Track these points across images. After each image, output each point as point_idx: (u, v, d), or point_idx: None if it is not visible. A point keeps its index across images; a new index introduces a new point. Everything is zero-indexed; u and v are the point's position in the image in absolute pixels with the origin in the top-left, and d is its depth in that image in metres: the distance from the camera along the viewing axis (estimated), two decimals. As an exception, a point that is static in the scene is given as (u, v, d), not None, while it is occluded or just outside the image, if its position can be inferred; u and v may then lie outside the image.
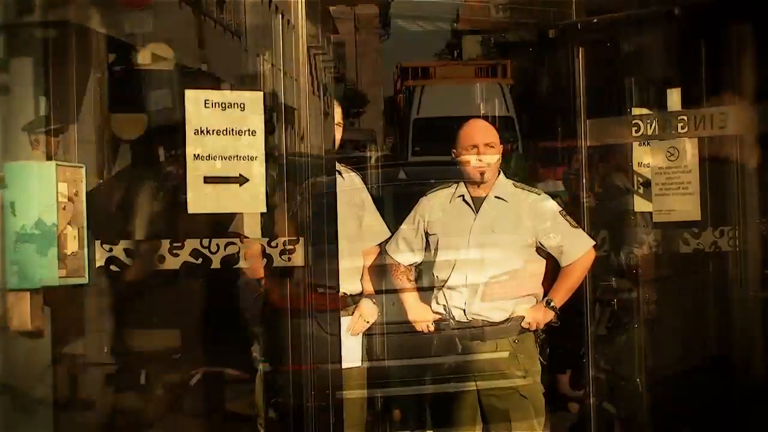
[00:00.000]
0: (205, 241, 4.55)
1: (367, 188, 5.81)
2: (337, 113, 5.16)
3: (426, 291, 5.46)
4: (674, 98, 5.75)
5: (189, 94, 4.55)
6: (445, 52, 18.41)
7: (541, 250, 5.08)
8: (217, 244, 4.58)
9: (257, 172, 4.60)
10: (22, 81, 4.01)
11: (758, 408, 5.47)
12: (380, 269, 5.65)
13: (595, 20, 5.37)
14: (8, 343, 3.80)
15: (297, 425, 4.72)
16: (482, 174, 5.05)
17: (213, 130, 4.57)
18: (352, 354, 5.23)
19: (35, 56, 4.06)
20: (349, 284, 5.23)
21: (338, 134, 5.18)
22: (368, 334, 5.62)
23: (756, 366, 5.46)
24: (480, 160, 5.04)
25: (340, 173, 5.21)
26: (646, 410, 5.91)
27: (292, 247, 4.69)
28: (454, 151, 5.08)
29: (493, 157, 5.05)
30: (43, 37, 4.07)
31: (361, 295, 5.37)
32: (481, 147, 5.05)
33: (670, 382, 6.12)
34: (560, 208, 5.11)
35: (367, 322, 5.36)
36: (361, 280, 5.40)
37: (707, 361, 5.74)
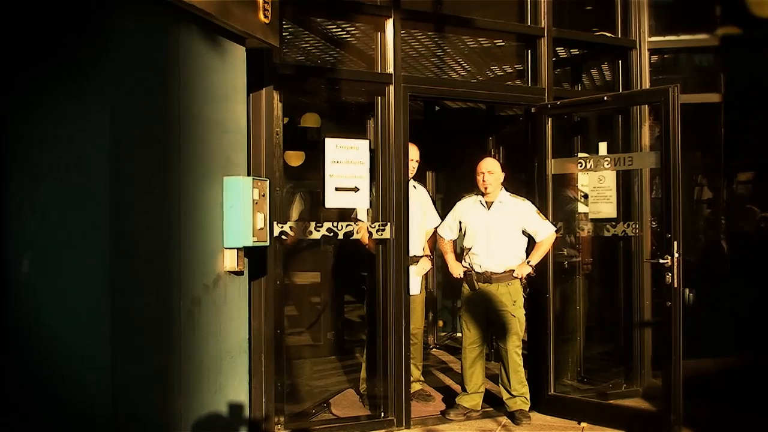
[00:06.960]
0: (335, 223, 4.78)
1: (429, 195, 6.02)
2: (413, 152, 5.30)
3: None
4: (603, 147, 5.91)
5: (328, 140, 4.87)
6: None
7: (524, 232, 5.30)
8: (342, 225, 4.84)
9: (365, 185, 4.95)
10: (234, 130, 4.21)
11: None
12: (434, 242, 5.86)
13: (558, 103, 5.51)
14: (225, 278, 4.02)
15: (384, 324, 4.96)
16: (486, 188, 5.23)
17: (340, 161, 4.83)
18: (416, 287, 5.46)
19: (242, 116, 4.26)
20: (416, 249, 5.44)
21: (413, 165, 5.33)
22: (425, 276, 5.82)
23: (644, 297, 5.65)
24: (484, 181, 5.21)
25: (414, 186, 5.41)
26: (582, 327, 6.02)
27: (383, 227, 4.94)
28: (477, 175, 5.27)
29: (492, 179, 5.21)
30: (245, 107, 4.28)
31: (422, 255, 5.58)
32: (486, 174, 5.21)
33: (598, 309, 6.26)
34: (536, 208, 5.30)
35: (426, 269, 5.55)
36: (423, 248, 5.61)
37: (618, 296, 5.85)
